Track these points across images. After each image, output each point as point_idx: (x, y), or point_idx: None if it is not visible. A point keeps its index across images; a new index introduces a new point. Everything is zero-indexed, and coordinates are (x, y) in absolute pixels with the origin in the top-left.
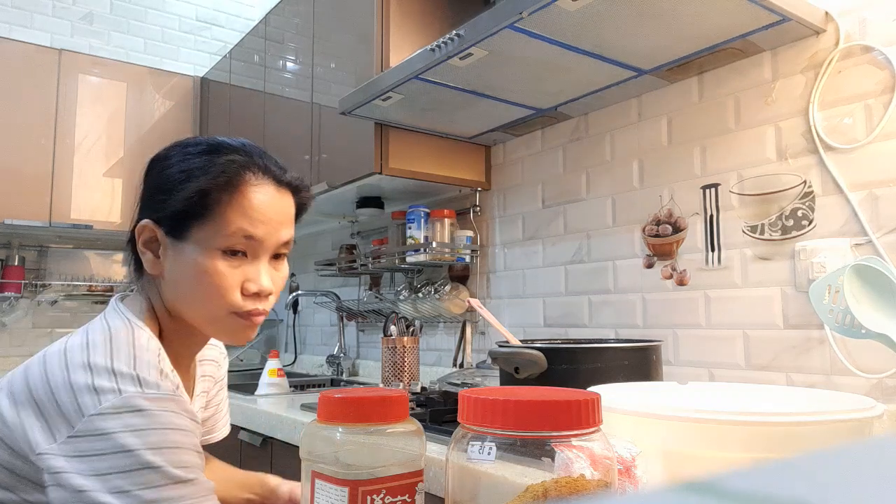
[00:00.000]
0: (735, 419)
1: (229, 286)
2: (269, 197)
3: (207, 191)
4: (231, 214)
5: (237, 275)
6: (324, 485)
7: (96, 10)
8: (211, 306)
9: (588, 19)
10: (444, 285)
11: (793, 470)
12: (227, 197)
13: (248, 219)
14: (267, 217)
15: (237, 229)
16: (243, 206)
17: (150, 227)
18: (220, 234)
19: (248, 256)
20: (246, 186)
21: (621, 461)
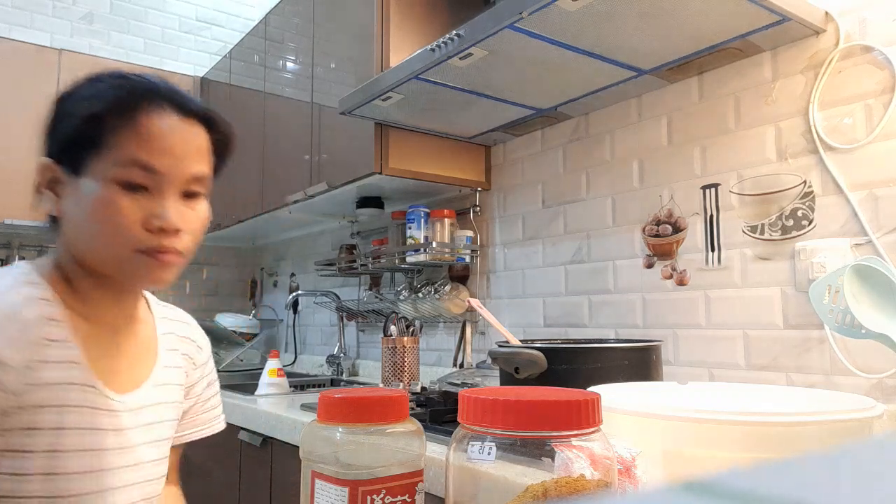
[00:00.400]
0: (735, 419)
1: (130, 221)
2: (170, 125)
3: (100, 116)
4: (126, 142)
5: (138, 209)
6: (324, 485)
7: (96, 10)
8: (113, 244)
9: (588, 19)
10: (444, 285)
11: (793, 470)
12: (121, 123)
13: (145, 148)
14: (168, 147)
15: (133, 159)
16: (140, 134)
17: (49, 165)
18: (116, 164)
19: (150, 192)
20: (142, 113)
21: (621, 461)
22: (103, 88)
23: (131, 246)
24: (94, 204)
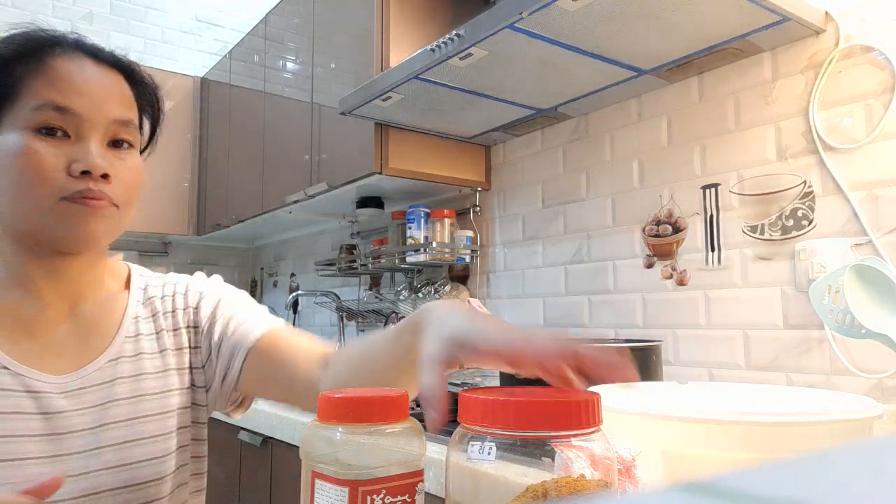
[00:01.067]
0: (735, 419)
1: (51, 167)
2: (83, 69)
3: (9, 64)
4: (37, 86)
5: (60, 155)
6: (324, 485)
7: (96, 10)
8: (35, 194)
9: (588, 19)
10: (444, 285)
11: (793, 470)
12: (31, 68)
13: (56, 89)
14: (84, 89)
15: (45, 101)
16: (49, 77)
17: None
18: (29, 110)
19: (71, 137)
20: (53, 57)
21: (621, 461)
22: (11, 39)
23: (55, 194)
24: (12, 154)
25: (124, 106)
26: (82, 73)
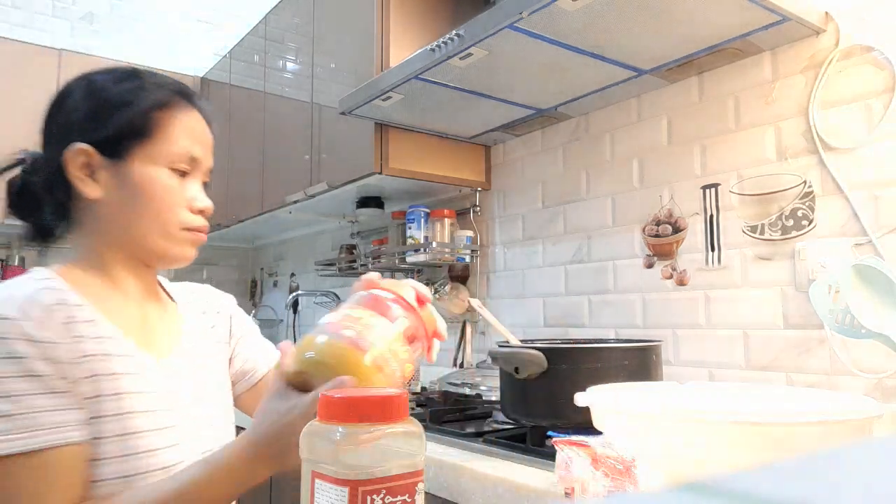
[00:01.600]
0: (735, 419)
1: (179, 202)
2: (201, 123)
3: (152, 111)
4: (177, 134)
5: (182, 192)
6: (324, 485)
7: (96, 10)
8: (162, 221)
9: (588, 19)
10: (444, 285)
11: (793, 470)
12: (172, 117)
13: (191, 140)
14: (204, 140)
15: (183, 149)
16: (188, 128)
17: (87, 150)
18: (167, 152)
19: (186, 177)
20: (184, 110)
21: (621, 461)
22: (141, 86)
23: (181, 224)
24: (146, 184)
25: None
26: (202, 127)
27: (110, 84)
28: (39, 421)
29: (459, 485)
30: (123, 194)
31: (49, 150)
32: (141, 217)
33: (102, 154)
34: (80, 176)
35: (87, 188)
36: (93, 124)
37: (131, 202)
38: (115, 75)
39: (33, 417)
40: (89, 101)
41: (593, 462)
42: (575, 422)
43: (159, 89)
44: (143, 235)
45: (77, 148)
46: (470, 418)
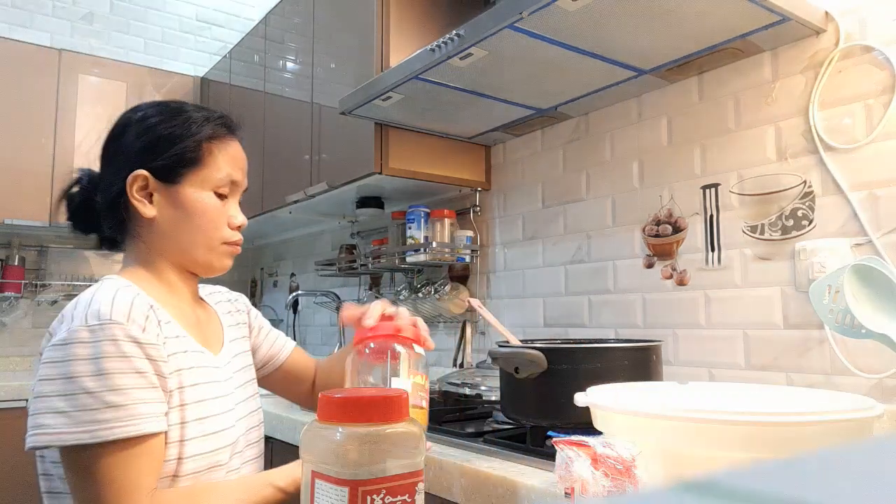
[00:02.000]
0: (735, 419)
1: (221, 220)
2: (240, 151)
3: (204, 143)
4: (223, 162)
5: (224, 212)
6: (324, 485)
7: (96, 10)
8: (208, 237)
9: (588, 19)
10: (444, 285)
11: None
12: (219, 148)
13: (233, 166)
14: (243, 166)
15: (227, 175)
16: (230, 156)
17: (145, 176)
18: (213, 178)
19: (226, 199)
20: (231, 140)
21: (621, 461)
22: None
23: (222, 239)
24: (196, 206)
25: (246, 177)
26: (241, 154)
27: (165, 120)
28: (142, 411)
29: (459, 485)
30: (176, 213)
31: (110, 174)
32: (190, 233)
33: (158, 179)
34: (138, 198)
35: (144, 208)
36: (151, 155)
37: (182, 220)
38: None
39: (137, 408)
40: (147, 135)
41: (593, 462)
42: (575, 422)
43: (207, 123)
44: (191, 248)
45: (137, 174)
46: (470, 418)
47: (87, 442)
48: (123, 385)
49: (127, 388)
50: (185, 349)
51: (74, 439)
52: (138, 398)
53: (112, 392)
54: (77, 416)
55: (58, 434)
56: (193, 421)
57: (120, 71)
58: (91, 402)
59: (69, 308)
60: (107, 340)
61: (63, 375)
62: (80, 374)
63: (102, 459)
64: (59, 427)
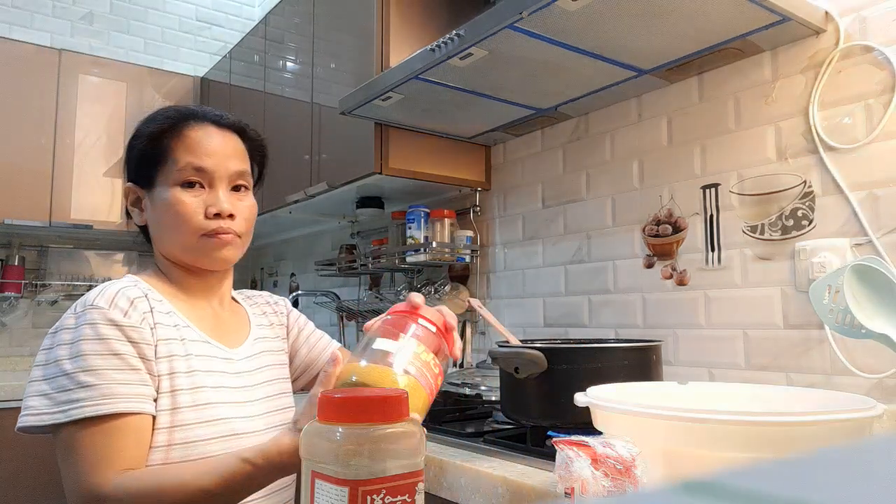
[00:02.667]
0: (735, 419)
1: (193, 212)
2: (209, 134)
3: (157, 137)
4: (179, 153)
5: (199, 203)
6: (324, 485)
7: (96, 10)
8: (183, 233)
9: (588, 19)
10: (444, 285)
11: (793, 470)
12: (174, 139)
13: (193, 153)
14: (211, 150)
15: (186, 164)
16: (187, 145)
17: (130, 188)
18: (175, 171)
19: (205, 188)
20: (188, 129)
21: (621, 461)
22: (157, 117)
23: (197, 232)
24: (165, 204)
25: (240, 159)
26: (209, 138)
27: (139, 125)
28: (116, 391)
29: (459, 485)
30: (154, 217)
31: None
32: (167, 233)
33: (140, 187)
34: (131, 209)
35: (136, 218)
36: (129, 164)
37: (159, 222)
38: (144, 119)
39: (111, 388)
40: (128, 146)
41: (593, 462)
42: (575, 422)
43: (166, 119)
44: (172, 248)
45: (125, 187)
46: (470, 418)
47: (62, 421)
48: (97, 366)
49: (101, 368)
50: (183, 337)
51: (52, 419)
52: (113, 379)
53: (85, 373)
54: (56, 398)
55: (39, 415)
56: (186, 408)
57: (120, 71)
58: (67, 382)
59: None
60: (86, 325)
61: (48, 360)
62: (60, 358)
63: (75, 437)
64: (41, 408)
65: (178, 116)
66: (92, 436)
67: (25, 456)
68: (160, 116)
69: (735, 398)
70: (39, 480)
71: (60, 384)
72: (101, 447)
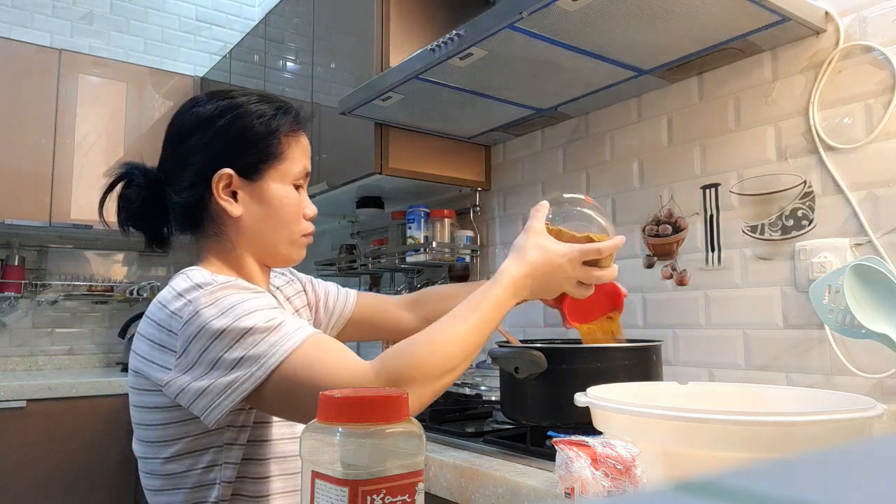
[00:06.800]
0: (735, 419)
1: (300, 212)
2: (307, 141)
3: (286, 137)
4: (298, 155)
5: (300, 203)
6: (324, 485)
7: (96, 10)
8: (290, 230)
9: (588, 19)
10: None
11: (793, 470)
12: (295, 141)
13: (307, 158)
14: (310, 155)
15: (304, 167)
16: (303, 148)
17: (229, 174)
18: (293, 171)
19: (300, 190)
20: (302, 133)
21: (621, 461)
22: (272, 113)
23: (302, 231)
24: (280, 200)
25: None
26: (309, 145)
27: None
28: (297, 322)
29: (459, 485)
30: (261, 210)
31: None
32: (275, 228)
33: (241, 177)
34: (225, 197)
35: (232, 207)
36: (232, 153)
37: (268, 216)
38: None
39: (292, 321)
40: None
41: (593, 462)
42: (575, 422)
43: (284, 116)
44: (276, 243)
45: (222, 172)
46: (470, 418)
47: (273, 364)
48: (270, 304)
49: (264, 307)
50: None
51: (263, 372)
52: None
53: (254, 316)
54: (252, 353)
55: (245, 381)
56: None
57: (120, 71)
58: (255, 336)
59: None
60: (218, 288)
61: (209, 336)
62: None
63: (296, 368)
64: (242, 376)
65: (296, 116)
66: (306, 358)
67: (26, 455)
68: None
69: (735, 398)
70: (41, 479)
71: (248, 342)
72: (326, 354)
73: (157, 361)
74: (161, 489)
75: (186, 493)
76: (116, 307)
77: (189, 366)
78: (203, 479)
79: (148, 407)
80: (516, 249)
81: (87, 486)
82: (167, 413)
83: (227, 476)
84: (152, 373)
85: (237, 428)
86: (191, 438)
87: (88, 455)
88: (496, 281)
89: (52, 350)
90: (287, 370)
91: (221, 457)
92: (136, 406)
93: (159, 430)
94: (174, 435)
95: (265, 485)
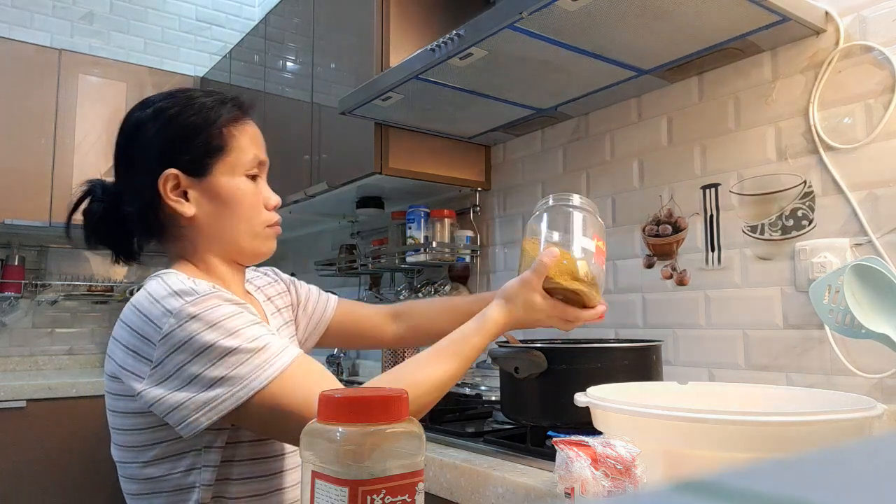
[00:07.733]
0: (735, 419)
1: (259, 203)
2: (257, 128)
3: (225, 128)
4: (247, 144)
5: (259, 194)
6: (324, 485)
7: (96, 10)
8: (252, 223)
9: (588, 19)
10: (444, 285)
11: (793, 470)
12: (240, 130)
13: (258, 146)
14: (263, 144)
15: (254, 156)
16: (251, 136)
17: (175, 174)
18: (242, 162)
19: (257, 180)
20: (248, 121)
21: (621, 461)
22: (210, 104)
23: (263, 222)
24: (232, 194)
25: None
26: (259, 132)
27: (181, 111)
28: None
29: (459, 485)
30: (215, 207)
31: (137, 180)
32: (232, 223)
33: (188, 175)
34: (174, 198)
35: (183, 208)
36: (176, 151)
37: (223, 212)
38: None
39: (278, 342)
40: (167, 131)
41: (593, 462)
42: (575, 422)
43: (223, 106)
44: (236, 239)
45: (168, 173)
46: (470, 418)
47: (257, 387)
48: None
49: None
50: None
51: (246, 391)
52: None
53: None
54: (237, 372)
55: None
56: None
57: (120, 71)
58: (240, 356)
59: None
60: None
61: (193, 350)
62: (209, 341)
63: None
64: (222, 394)
65: (239, 108)
66: (289, 383)
67: (26, 455)
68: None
69: (735, 398)
70: (41, 479)
71: (232, 361)
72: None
73: (130, 368)
74: (140, 493)
75: (166, 497)
76: (116, 307)
77: (164, 377)
78: (182, 482)
79: (124, 412)
80: (506, 300)
81: (87, 486)
82: (143, 418)
83: (206, 479)
84: (126, 380)
85: (215, 431)
86: (168, 443)
87: (88, 455)
88: (481, 328)
89: (52, 350)
90: (269, 395)
91: (200, 460)
92: (112, 411)
93: (136, 434)
94: (151, 439)
95: (245, 486)
